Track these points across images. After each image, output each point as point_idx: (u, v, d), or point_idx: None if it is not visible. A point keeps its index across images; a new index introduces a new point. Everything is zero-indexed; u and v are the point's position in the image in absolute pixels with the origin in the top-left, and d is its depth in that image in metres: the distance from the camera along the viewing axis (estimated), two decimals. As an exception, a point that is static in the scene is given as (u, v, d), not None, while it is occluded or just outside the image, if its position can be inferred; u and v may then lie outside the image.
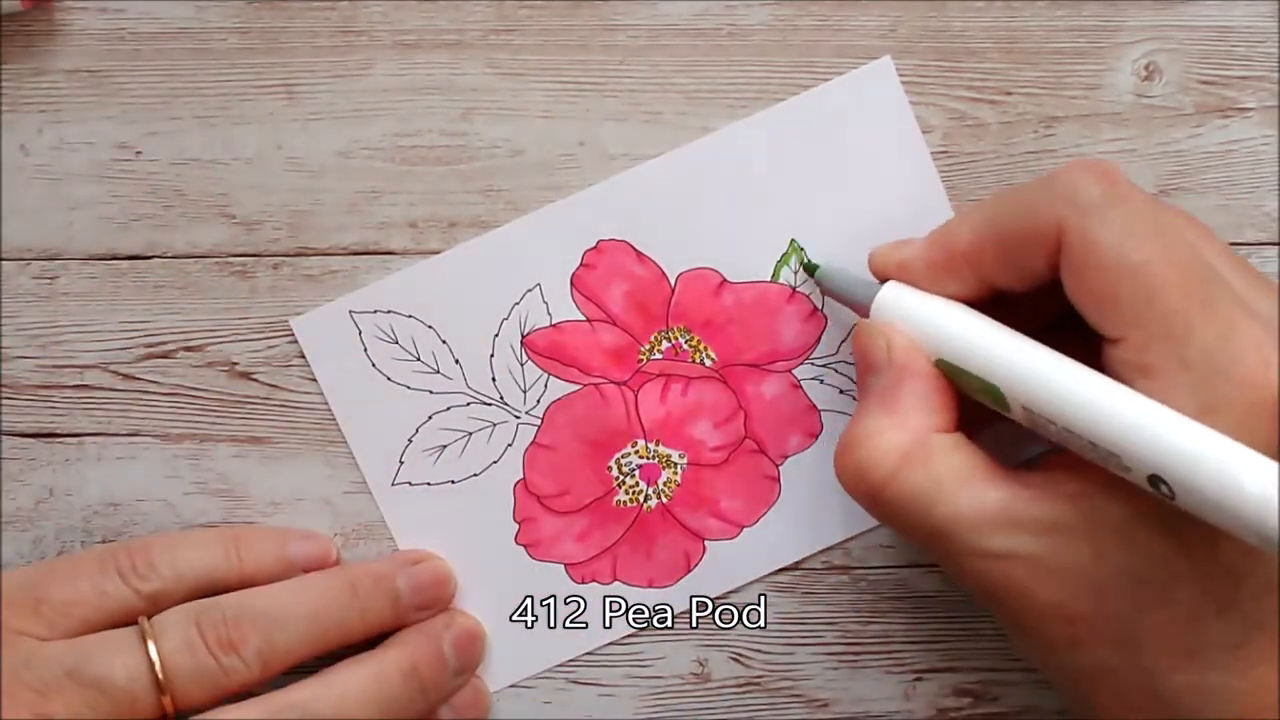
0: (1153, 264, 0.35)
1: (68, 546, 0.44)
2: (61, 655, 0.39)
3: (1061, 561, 0.36)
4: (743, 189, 0.44)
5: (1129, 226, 0.36)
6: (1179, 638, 0.36)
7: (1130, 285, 0.35)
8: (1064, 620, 0.36)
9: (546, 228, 0.44)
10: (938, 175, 0.43)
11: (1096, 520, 0.36)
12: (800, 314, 0.44)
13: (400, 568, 0.43)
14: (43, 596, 0.40)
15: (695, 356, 0.44)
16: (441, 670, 0.43)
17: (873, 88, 0.43)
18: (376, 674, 0.42)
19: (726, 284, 0.44)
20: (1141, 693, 0.37)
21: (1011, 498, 0.37)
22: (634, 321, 0.44)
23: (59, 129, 0.43)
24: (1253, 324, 0.35)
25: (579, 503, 0.45)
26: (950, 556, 0.37)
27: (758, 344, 0.44)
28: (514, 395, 0.44)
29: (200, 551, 0.42)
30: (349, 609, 0.42)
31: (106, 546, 0.42)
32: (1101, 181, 0.37)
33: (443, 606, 0.44)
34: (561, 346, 0.44)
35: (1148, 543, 0.36)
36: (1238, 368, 0.35)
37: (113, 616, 0.41)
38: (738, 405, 0.44)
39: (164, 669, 0.39)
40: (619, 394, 0.44)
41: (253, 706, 0.40)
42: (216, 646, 0.40)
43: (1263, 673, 0.36)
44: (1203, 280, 0.36)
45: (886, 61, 0.43)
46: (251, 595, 0.42)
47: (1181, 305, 0.35)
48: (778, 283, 0.44)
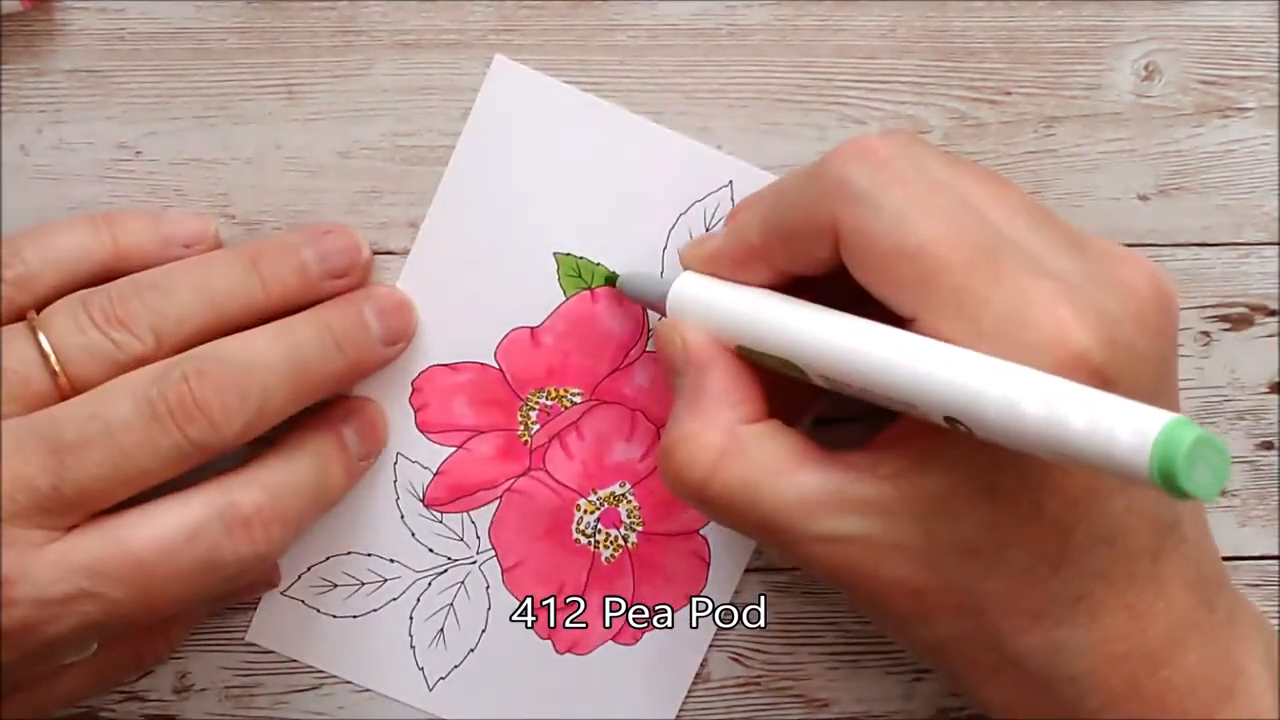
0: (930, 244, 0.35)
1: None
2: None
3: (893, 539, 0.36)
4: (491, 235, 0.43)
5: (902, 210, 0.35)
6: (1020, 599, 0.36)
7: (911, 269, 0.35)
8: (909, 595, 0.36)
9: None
10: (625, 110, 0.43)
11: (917, 496, 0.36)
12: (613, 304, 0.44)
13: (305, 238, 0.42)
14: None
15: (564, 403, 0.44)
16: (360, 329, 0.41)
17: (510, 87, 0.43)
18: (284, 326, 0.40)
19: (535, 329, 0.44)
20: (993, 656, 0.37)
21: (834, 479, 0.36)
22: (495, 417, 0.44)
23: (59, 129, 0.43)
24: (1046, 283, 0.34)
25: (578, 586, 0.45)
26: (787, 545, 0.37)
27: (601, 354, 0.44)
28: (456, 548, 0.44)
29: (67, 234, 0.41)
30: (247, 280, 0.40)
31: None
32: (869, 167, 0.36)
33: (358, 278, 0.42)
34: (457, 483, 0.44)
35: (971, 512, 0.35)
36: (1032, 332, 0.34)
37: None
38: (629, 410, 0.44)
39: (55, 350, 0.38)
40: (531, 481, 0.44)
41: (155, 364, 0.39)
42: (105, 324, 0.39)
43: (1108, 621, 0.36)
44: (988, 251, 0.35)
45: (497, 59, 0.43)
46: (140, 274, 0.40)
47: (967, 281, 0.34)
48: (571, 295, 0.44)
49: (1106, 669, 0.36)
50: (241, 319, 0.40)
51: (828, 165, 0.36)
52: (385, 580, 0.44)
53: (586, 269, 0.43)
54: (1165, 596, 0.36)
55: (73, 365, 0.39)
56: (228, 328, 0.40)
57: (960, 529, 0.36)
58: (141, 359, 0.39)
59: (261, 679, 0.45)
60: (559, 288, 0.44)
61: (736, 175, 0.43)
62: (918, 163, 0.36)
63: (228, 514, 0.38)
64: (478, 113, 0.43)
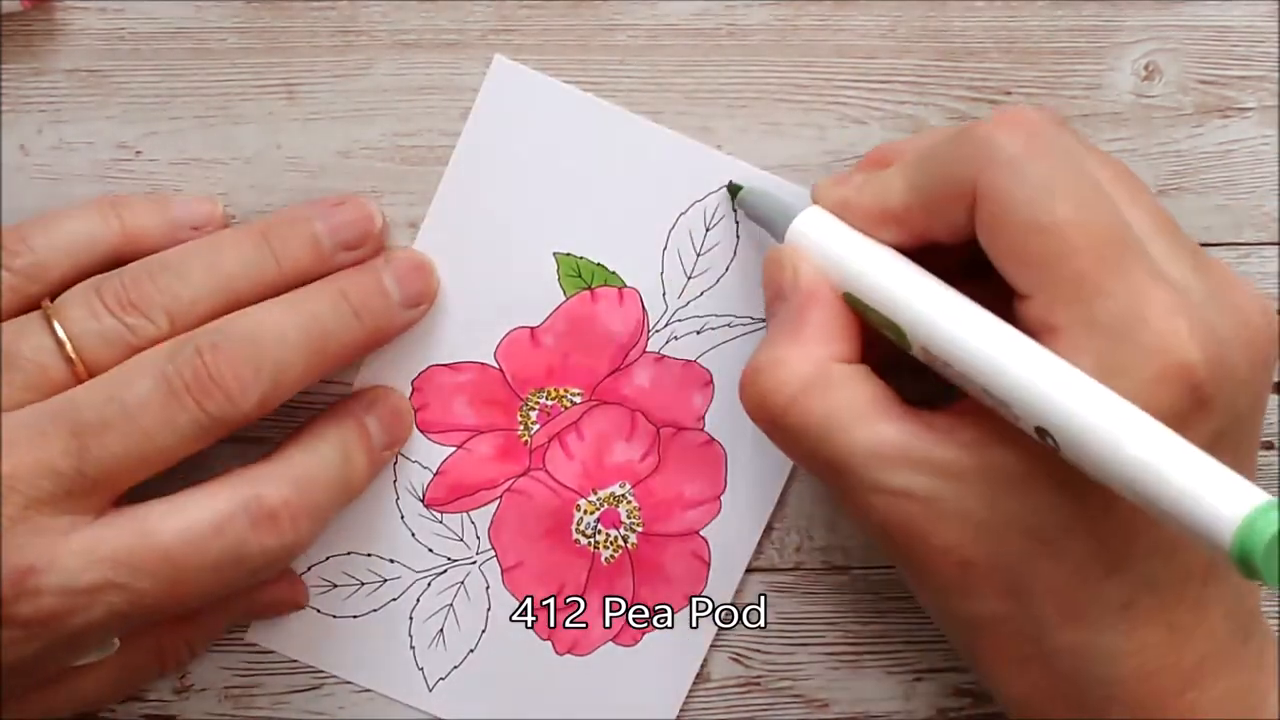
0: (1065, 225, 0.35)
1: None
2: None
3: (957, 506, 0.36)
4: (493, 237, 0.43)
5: (1045, 184, 0.35)
6: (1068, 593, 0.36)
7: (1040, 245, 0.35)
8: (957, 565, 0.36)
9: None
10: (625, 110, 0.43)
11: (990, 468, 0.36)
12: (613, 303, 0.44)
13: (317, 211, 0.42)
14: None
15: (564, 403, 0.44)
16: (377, 296, 0.41)
17: (510, 87, 0.43)
18: (297, 296, 0.40)
19: (535, 329, 0.44)
20: (1026, 645, 0.37)
21: (911, 435, 0.36)
22: (495, 417, 0.44)
23: (59, 129, 0.43)
24: (1164, 290, 0.35)
25: (578, 587, 0.45)
26: (848, 490, 0.37)
27: (601, 354, 0.44)
28: (456, 548, 0.44)
29: (75, 220, 0.41)
30: (259, 257, 0.40)
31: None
32: (1019, 134, 0.36)
33: (372, 248, 0.42)
34: (457, 483, 0.44)
35: (1042, 495, 0.35)
36: (1144, 334, 0.34)
37: (9, 308, 0.40)
38: (629, 410, 0.44)
39: (70, 337, 0.38)
40: (531, 481, 0.44)
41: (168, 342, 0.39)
42: (118, 308, 0.39)
43: (1148, 634, 0.36)
44: (1117, 243, 0.35)
45: (497, 59, 0.43)
46: (151, 257, 0.40)
47: (1091, 268, 0.35)
48: (571, 295, 0.44)
49: (1136, 681, 0.36)
50: (255, 296, 0.40)
51: (977, 127, 0.36)
52: (385, 580, 0.44)
53: (586, 269, 0.43)
54: (1206, 621, 0.36)
55: (88, 351, 0.39)
56: (242, 306, 0.40)
57: (1026, 509, 0.35)
58: (156, 342, 0.39)
59: (261, 679, 0.45)
60: (559, 288, 0.44)
61: (736, 175, 0.43)
62: (1065, 143, 0.36)
63: (253, 507, 0.38)
64: (478, 113, 0.43)
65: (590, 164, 0.43)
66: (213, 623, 0.43)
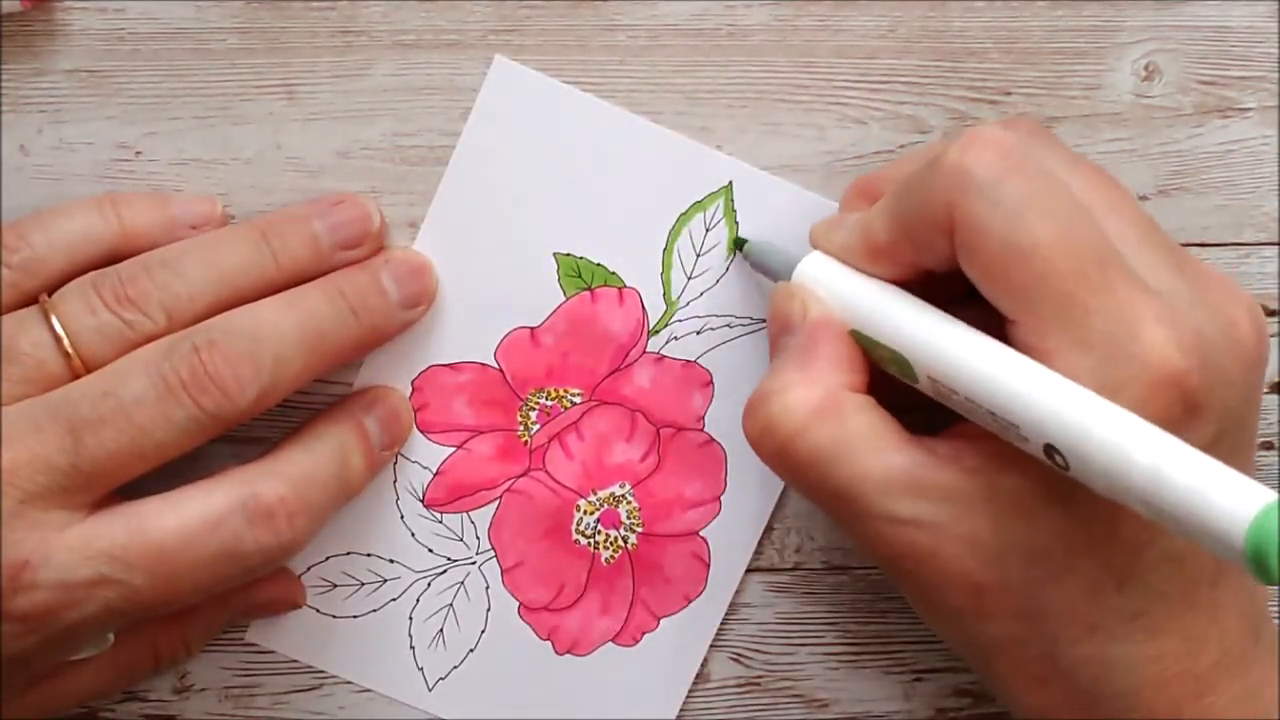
0: (1044, 247, 0.35)
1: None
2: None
3: (964, 531, 0.36)
4: (491, 237, 0.43)
5: (1019, 206, 0.35)
6: (1080, 610, 0.36)
7: (1021, 270, 0.35)
8: (969, 590, 0.36)
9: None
10: (625, 111, 0.43)
11: (995, 493, 0.36)
12: (613, 303, 0.44)
13: (316, 210, 0.42)
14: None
15: (564, 403, 0.44)
16: (375, 295, 0.41)
17: (510, 87, 0.43)
18: (295, 294, 0.40)
19: (535, 329, 0.44)
20: (1044, 664, 0.37)
21: (918, 463, 0.36)
22: (495, 417, 0.44)
23: (59, 129, 0.43)
24: (1149, 301, 0.35)
25: (578, 588, 0.45)
26: (855, 519, 0.37)
27: (601, 354, 0.44)
28: (456, 548, 0.44)
29: (74, 217, 0.41)
30: (257, 254, 0.40)
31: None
32: (989, 156, 0.35)
33: (371, 248, 0.42)
34: (457, 483, 0.44)
35: (1046, 517, 0.36)
36: (1136, 347, 0.34)
37: (7, 303, 0.40)
38: (629, 410, 0.44)
39: (67, 333, 0.39)
40: (531, 481, 0.44)
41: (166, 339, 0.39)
42: (116, 304, 0.39)
43: (1163, 642, 0.36)
44: (1098, 261, 0.35)
45: (497, 59, 0.43)
46: (150, 254, 0.40)
47: (1076, 289, 0.34)
48: (571, 295, 0.44)
49: (1153, 690, 0.36)
50: (253, 294, 0.40)
51: (946, 154, 0.36)
52: (385, 580, 0.44)
53: (586, 269, 0.43)
54: (1219, 623, 0.37)
55: (85, 347, 0.39)
56: (239, 303, 0.40)
57: (1033, 532, 0.36)
58: (153, 338, 0.39)
59: (261, 679, 0.45)
60: (559, 288, 0.44)
61: (736, 175, 0.43)
62: (1039, 157, 0.36)
63: (250, 504, 0.38)
64: (478, 113, 0.43)
65: (590, 164, 0.43)
66: (209, 620, 0.43)
